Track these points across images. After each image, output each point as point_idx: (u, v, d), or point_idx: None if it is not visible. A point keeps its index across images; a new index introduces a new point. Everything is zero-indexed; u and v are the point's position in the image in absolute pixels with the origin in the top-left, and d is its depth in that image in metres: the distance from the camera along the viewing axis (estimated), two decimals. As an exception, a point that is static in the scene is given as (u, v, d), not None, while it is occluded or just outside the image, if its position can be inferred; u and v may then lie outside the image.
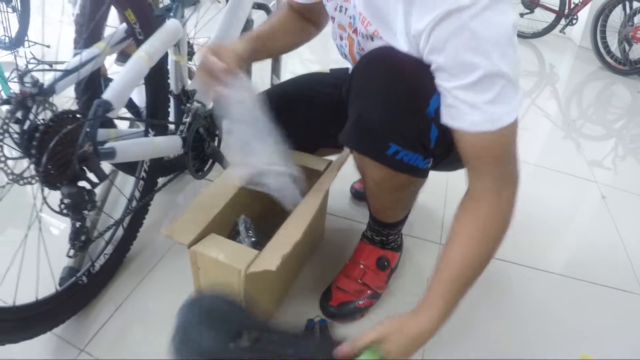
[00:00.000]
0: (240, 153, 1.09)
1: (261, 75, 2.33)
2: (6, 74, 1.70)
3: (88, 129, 1.07)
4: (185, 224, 1.14)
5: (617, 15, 4.16)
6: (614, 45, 4.26)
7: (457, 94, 0.90)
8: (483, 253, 0.97)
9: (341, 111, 1.26)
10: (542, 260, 1.72)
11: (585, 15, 4.56)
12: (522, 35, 4.65)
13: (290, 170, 1.13)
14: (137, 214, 1.46)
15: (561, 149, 2.64)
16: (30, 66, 1.07)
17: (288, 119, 1.15)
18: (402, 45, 0.99)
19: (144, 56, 1.20)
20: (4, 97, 1.02)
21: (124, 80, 1.16)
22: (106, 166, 1.20)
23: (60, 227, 1.27)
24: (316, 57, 3.33)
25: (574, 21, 4.57)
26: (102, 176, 1.08)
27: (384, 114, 1.02)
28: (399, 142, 1.03)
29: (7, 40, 2.61)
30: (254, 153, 1.08)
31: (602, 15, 4.15)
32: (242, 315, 0.95)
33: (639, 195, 2.28)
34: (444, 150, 1.07)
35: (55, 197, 1.07)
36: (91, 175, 1.09)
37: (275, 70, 2.11)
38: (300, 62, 3.18)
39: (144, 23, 1.26)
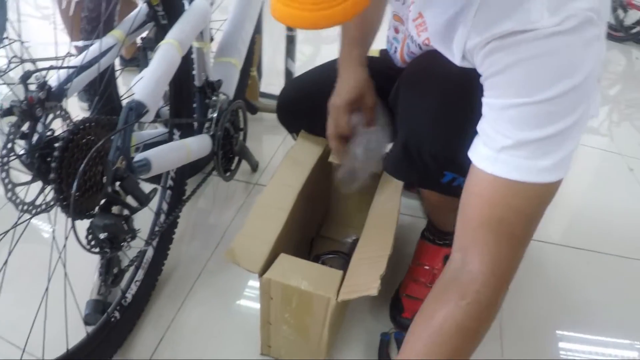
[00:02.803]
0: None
1: (274, 59, 2.13)
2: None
3: (120, 140, 0.86)
4: (248, 246, 0.95)
5: (611, -21, 4.03)
6: (606, 12, 4.16)
7: (497, 117, 0.70)
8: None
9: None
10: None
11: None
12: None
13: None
14: (166, 229, 1.25)
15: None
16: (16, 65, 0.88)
17: None
18: (456, 57, 0.78)
19: (174, 44, 0.99)
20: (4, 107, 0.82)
21: (157, 74, 0.95)
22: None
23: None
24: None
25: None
26: (143, 198, 0.88)
27: (436, 141, 0.86)
28: (455, 170, 0.87)
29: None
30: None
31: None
32: None
33: (635, 158, 2.18)
34: None
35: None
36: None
37: (290, 52, 1.90)
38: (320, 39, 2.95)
39: (169, 4, 1.04)
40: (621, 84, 3.22)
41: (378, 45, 1.21)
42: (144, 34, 1.22)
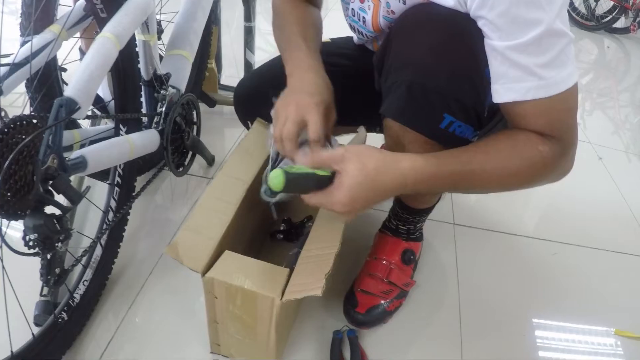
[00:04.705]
0: None
1: (233, 51, 2.10)
2: None
3: (50, 138, 0.83)
4: (191, 241, 0.92)
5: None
6: (577, 1, 4.23)
7: (510, 56, 0.78)
8: (499, 169, 0.83)
9: (351, 84, 1.11)
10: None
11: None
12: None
13: None
14: (115, 227, 1.22)
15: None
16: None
17: None
18: (447, 1, 0.84)
19: (110, 37, 0.95)
20: None
21: (89, 69, 0.91)
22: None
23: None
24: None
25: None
26: (75, 197, 0.85)
27: (440, 80, 0.86)
28: (455, 111, 0.88)
29: None
30: None
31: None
32: None
33: (605, 147, 2.25)
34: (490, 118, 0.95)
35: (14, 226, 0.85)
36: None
37: (249, 44, 1.87)
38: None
39: (107, -3, 1.00)
40: (593, 73, 3.25)
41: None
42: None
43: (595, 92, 2.92)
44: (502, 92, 0.82)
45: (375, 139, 1.31)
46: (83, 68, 0.91)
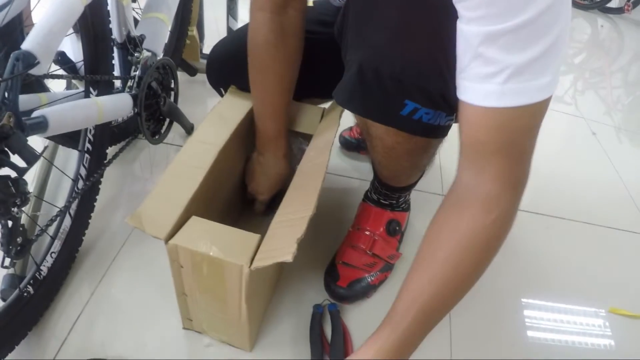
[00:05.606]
0: None
1: (215, 16, 2.03)
2: None
3: (6, 94, 0.77)
4: (156, 208, 0.85)
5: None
6: (571, -20, 4.16)
7: (490, 47, 0.63)
8: (460, 280, 0.74)
9: (332, 54, 1.01)
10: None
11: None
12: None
13: None
14: (85, 196, 1.16)
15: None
16: None
17: None
18: None
19: (74, -10, 0.89)
20: None
21: (50, 24, 0.84)
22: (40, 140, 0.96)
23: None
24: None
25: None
26: (30, 157, 0.79)
27: (397, 62, 0.76)
28: (417, 98, 0.78)
29: None
30: None
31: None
32: None
33: (598, 122, 2.22)
34: None
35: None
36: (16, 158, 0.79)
37: (232, 10, 1.80)
38: None
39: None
40: (586, 53, 3.21)
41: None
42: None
43: (588, 71, 2.88)
44: (461, 88, 0.70)
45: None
46: (44, 21, 0.84)
